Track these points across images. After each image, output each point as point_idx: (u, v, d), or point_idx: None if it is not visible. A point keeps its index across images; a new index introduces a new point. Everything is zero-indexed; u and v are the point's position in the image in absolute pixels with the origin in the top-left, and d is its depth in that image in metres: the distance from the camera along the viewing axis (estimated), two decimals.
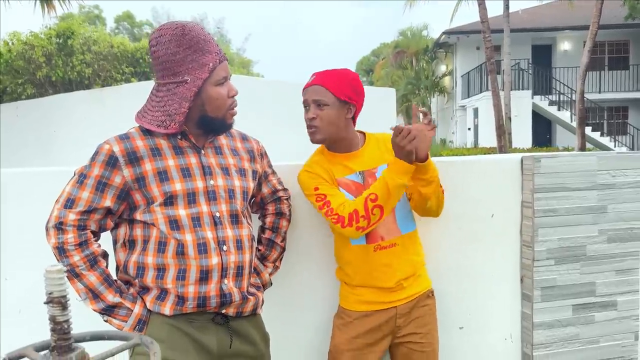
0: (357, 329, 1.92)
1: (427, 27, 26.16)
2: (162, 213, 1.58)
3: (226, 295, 1.62)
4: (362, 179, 1.90)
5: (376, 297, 1.92)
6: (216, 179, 1.66)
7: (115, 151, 1.57)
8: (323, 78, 1.87)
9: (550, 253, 2.25)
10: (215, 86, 1.61)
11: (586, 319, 2.31)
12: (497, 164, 2.35)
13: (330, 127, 1.86)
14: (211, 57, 1.60)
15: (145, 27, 34.95)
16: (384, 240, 1.89)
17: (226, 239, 1.63)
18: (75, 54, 11.10)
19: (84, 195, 1.56)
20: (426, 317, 1.97)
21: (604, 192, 2.29)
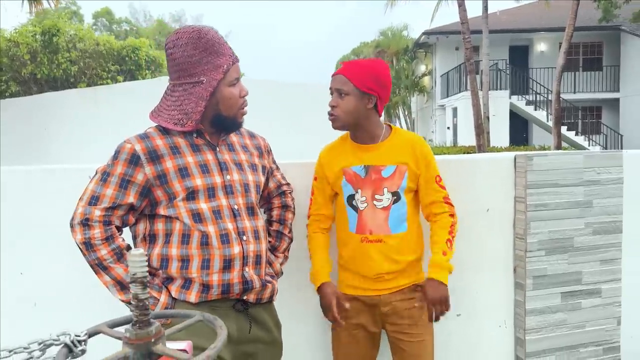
0: (347, 310, 2.04)
1: (407, 27, 26.49)
2: (185, 207, 1.66)
3: (248, 282, 1.72)
4: (366, 173, 1.98)
5: (360, 283, 2.02)
6: (232, 174, 1.75)
7: (137, 150, 1.65)
8: (347, 68, 1.95)
9: (541, 244, 2.42)
10: (228, 86, 1.71)
11: (573, 306, 2.48)
12: (491, 162, 2.51)
13: (349, 116, 1.94)
14: (225, 59, 1.69)
15: (124, 24, 34.50)
16: (372, 234, 1.97)
17: (245, 230, 1.73)
18: (60, 52, 11.00)
19: (108, 192, 1.63)
20: (413, 309, 2.01)
21: (590, 188, 2.46)
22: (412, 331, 2.00)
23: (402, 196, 1.97)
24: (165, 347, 0.99)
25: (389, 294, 2.00)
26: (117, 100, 7.99)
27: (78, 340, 1.03)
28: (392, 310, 2.00)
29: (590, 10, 19.14)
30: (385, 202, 1.96)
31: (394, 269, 1.98)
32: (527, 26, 21.75)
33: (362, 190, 1.98)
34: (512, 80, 21.07)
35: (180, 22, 49.62)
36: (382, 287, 2.00)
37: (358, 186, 1.98)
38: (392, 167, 1.96)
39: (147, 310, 0.98)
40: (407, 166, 1.97)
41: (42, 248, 2.23)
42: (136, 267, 0.97)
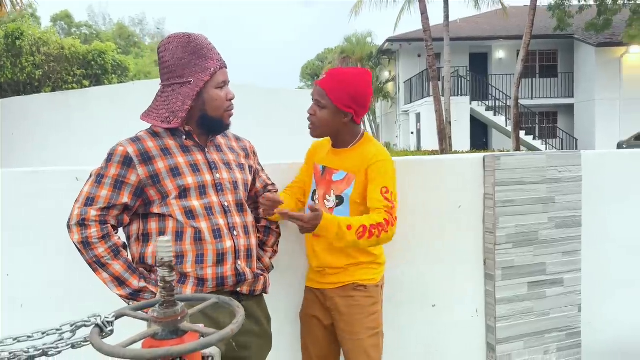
0: (307, 300, 2.21)
1: (371, 34, 26.91)
2: (178, 205, 1.74)
3: (241, 275, 1.81)
4: (322, 173, 2.10)
5: (312, 275, 2.16)
6: (221, 173, 1.85)
7: (130, 152, 1.73)
8: (328, 81, 2.00)
9: (509, 238, 2.60)
10: (215, 89, 1.80)
11: (539, 295, 2.68)
12: (462, 162, 2.69)
13: (325, 128, 2.03)
14: (212, 63, 1.79)
15: (84, 28, 33.79)
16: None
17: (235, 225, 1.82)
18: (24, 55, 10.76)
19: (103, 193, 1.70)
20: (351, 307, 2.04)
21: (552, 185, 2.67)
22: (348, 328, 2.05)
23: (345, 201, 2.03)
24: (191, 324, 1.10)
25: (331, 289, 2.09)
26: (89, 105, 7.91)
27: (107, 322, 1.12)
28: (333, 305, 2.08)
29: (545, 19, 19.94)
30: (331, 203, 2.06)
31: (340, 265, 2.05)
32: (487, 34, 22.44)
33: (318, 188, 2.11)
34: (472, 86, 21.68)
35: (141, 25, 48.82)
36: (326, 282, 2.10)
37: (318, 184, 2.11)
38: (342, 173, 2.05)
39: (173, 292, 1.09)
40: (356, 177, 2.01)
41: (28, 249, 2.27)
42: (163, 252, 1.07)
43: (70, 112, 8.01)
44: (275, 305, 2.15)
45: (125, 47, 36.47)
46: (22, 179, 2.30)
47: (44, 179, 2.30)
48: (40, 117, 8.21)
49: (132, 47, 39.90)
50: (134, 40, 43.53)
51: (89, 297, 2.17)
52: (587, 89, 21.01)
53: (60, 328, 1.11)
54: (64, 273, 2.26)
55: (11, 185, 2.28)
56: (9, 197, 2.27)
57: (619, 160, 3.00)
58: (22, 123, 8.14)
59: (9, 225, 2.26)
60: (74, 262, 2.16)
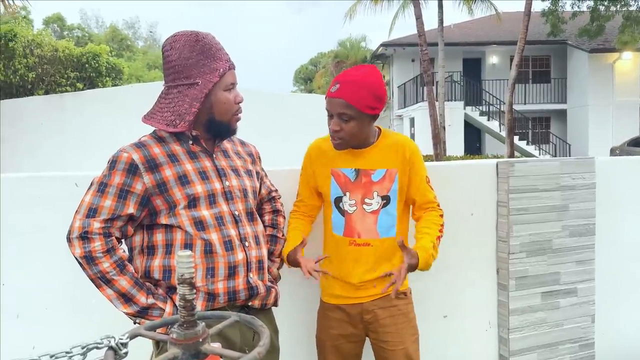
0: (330, 319, 2.04)
1: (365, 38, 26.93)
2: (187, 215, 1.63)
3: (253, 288, 1.71)
4: (356, 176, 1.96)
5: (343, 292, 2.00)
6: (230, 180, 1.74)
7: (135, 159, 1.61)
8: (346, 91, 1.84)
9: (523, 247, 2.54)
10: (223, 91, 1.69)
11: (552, 305, 2.61)
12: (475, 169, 2.62)
13: (354, 138, 1.91)
14: (221, 64, 1.68)
15: (76, 30, 33.59)
16: (360, 238, 1.95)
17: (246, 235, 1.72)
18: (17, 57, 10.59)
19: (107, 203, 1.58)
20: (395, 317, 1.98)
21: (566, 192, 2.61)
22: (394, 339, 1.98)
23: (392, 200, 1.96)
24: (214, 347, 1.01)
25: (371, 301, 1.98)
26: (85, 107, 7.78)
27: (122, 343, 1.03)
28: (374, 318, 1.98)
29: (538, 25, 20.03)
30: (374, 205, 1.95)
31: (374, 277, 1.95)
32: (480, 39, 22.50)
33: (351, 193, 1.97)
34: (466, 91, 21.72)
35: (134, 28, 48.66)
36: (365, 295, 1.98)
37: (347, 189, 1.97)
38: (382, 171, 1.95)
39: (193, 311, 1.00)
40: (397, 169, 1.95)
41: (24, 258, 2.17)
42: (184, 268, 0.98)
43: (66, 115, 7.87)
44: (285, 321, 2.07)
45: (118, 50, 36.27)
46: (20, 185, 2.20)
47: (41, 184, 2.21)
48: (34, 120, 8.07)
49: (125, 51, 39.69)
50: (127, 43, 43.32)
51: (89, 308, 2.11)
52: (580, 95, 21.11)
53: (70, 350, 1.02)
54: (62, 282, 2.17)
55: (8, 191, 2.18)
56: (5, 202, 2.17)
57: (633, 167, 2.94)
58: (15, 126, 8.00)
59: (5, 233, 2.16)
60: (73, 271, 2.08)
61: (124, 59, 31.11)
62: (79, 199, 1.90)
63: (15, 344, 2.20)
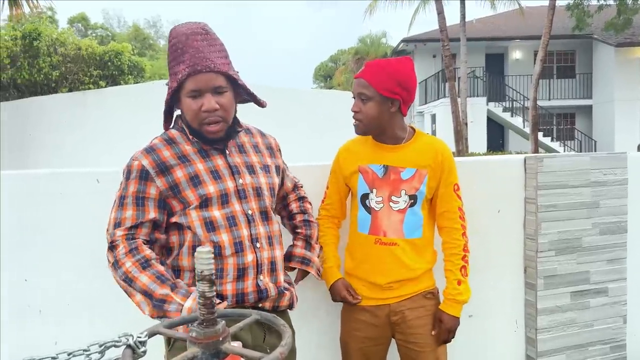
0: (355, 321, 1.99)
1: (385, 34, 26.75)
2: (198, 215, 1.60)
3: (262, 291, 1.65)
4: (384, 173, 1.92)
5: (369, 293, 1.96)
6: (244, 178, 1.68)
7: (145, 165, 1.59)
8: (369, 70, 1.86)
9: (552, 245, 2.46)
10: (187, 98, 1.60)
11: (582, 305, 2.53)
12: (502, 164, 2.55)
13: (372, 122, 1.87)
14: (181, 68, 1.57)
15: (100, 30, 34.07)
16: (386, 237, 1.91)
17: (259, 236, 1.66)
18: (41, 56, 10.78)
19: (128, 214, 1.58)
20: (422, 317, 1.94)
21: (596, 189, 2.52)
22: (423, 340, 1.93)
23: (419, 200, 1.91)
24: (234, 346, 0.98)
25: (398, 302, 1.94)
26: (107, 104, 7.85)
27: (140, 342, 1.01)
28: (402, 319, 1.94)
29: (563, 19, 19.63)
30: (401, 204, 1.90)
31: (406, 276, 1.93)
32: (503, 34, 22.15)
33: (377, 190, 1.93)
34: (488, 87, 21.42)
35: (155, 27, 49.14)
36: (392, 295, 1.94)
37: (374, 185, 1.93)
38: (412, 170, 1.90)
39: (213, 309, 0.97)
40: (428, 170, 1.90)
41: (48, 254, 2.18)
42: (203, 265, 0.95)
43: (88, 112, 7.96)
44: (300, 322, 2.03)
45: (141, 49, 36.70)
46: (41, 181, 2.21)
47: (63, 180, 2.21)
48: (56, 117, 8.18)
49: (147, 49, 40.11)
50: (149, 42, 43.78)
51: (110, 304, 2.10)
52: (606, 90, 20.65)
53: (88, 348, 1.00)
54: (84, 278, 2.18)
55: (31, 187, 2.19)
56: (28, 199, 2.18)
57: None
58: (39, 124, 8.11)
59: (27, 228, 2.17)
60: (95, 267, 2.09)
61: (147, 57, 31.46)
62: (100, 195, 1.89)
63: (38, 339, 2.21)
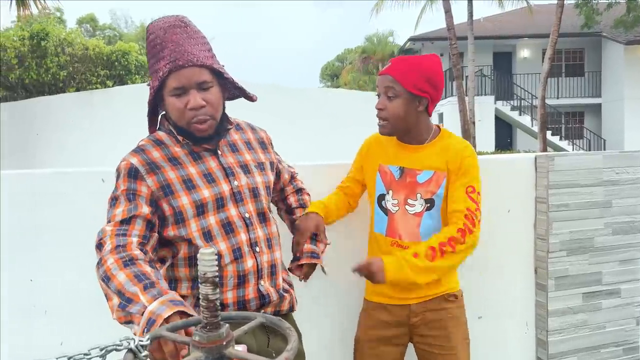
0: (373, 319, 1.93)
1: (392, 33, 26.67)
2: (197, 224, 1.50)
3: (265, 297, 1.59)
4: (400, 175, 1.85)
5: (389, 291, 1.89)
6: (239, 179, 1.59)
7: (134, 163, 1.48)
8: (395, 66, 1.78)
9: (563, 245, 2.41)
10: (170, 96, 1.49)
11: (594, 306, 2.48)
12: (512, 163, 2.50)
13: (399, 121, 1.79)
14: (162, 65, 1.46)
15: (108, 30, 34.24)
16: (402, 240, 1.85)
17: (257, 240, 1.59)
18: (49, 56, 10.80)
19: (118, 210, 1.44)
20: (444, 320, 1.86)
21: (609, 188, 2.47)
22: (444, 344, 1.85)
23: (436, 204, 1.82)
24: (239, 351, 0.94)
25: (419, 303, 1.87)
26: (114, 104, 7.86)
27: (142, 345, 0.98)
28: (422, 320, 1.87)
29: (572, 17, 19.48)
30: (417, 208, 1.83)
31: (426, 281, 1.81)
32: (511, 33, 22.02)
33: (394, 192, 1.86)
34: (496, 85, 21.30)
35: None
36: (413, 296, 1.87)
37: (390, 187, 1.87)
38: (429, 173, 1.81)
39: (217, 312, 0.94)
40: (447, 173, 1.81)
41: (53, 254, 2.16)
42: (206, 267, 0.92)
43: (93, 112, 7.97)
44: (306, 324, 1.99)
45: None
46: (46, 181, 2.18)
47: (68, 180, 2.19)
48: (63, 117, 8.19)
49: None
50: None
51: None
52: (616, 88, 20.48)
53: (89, 352, 0.97)
54: (90, 278, 2.11)
55: (35, 187, 2.17)
56: (33, 199, 2.16)
57: None
58: (46, 123, 8.12)
59: (32, 229, 2.15)
60: None
61: None
62: (105, 194, 1.86)
63: (43, 340, 2.19)
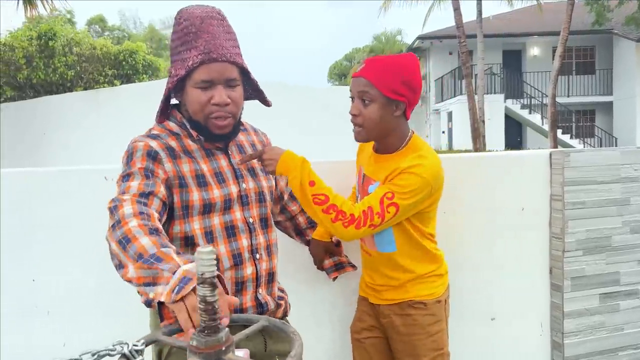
0: (359, 310, 1.94)
1: (400, 32, 26.57)
2: (200, 223, 1.44)
3: (263, 305, 1.54)
4: (362, 181, 1.79)
5: (366, 287, 1.91)
6: (247, 182, 1.54)
7: (153, 146, 1.40)
8: (370, 68, 1.65)
9: (579, 244, 2.33)
10: (194, 88, 1.42)
11: (612, 307, 2.40)
12: (526, 159, 2.42)
13: (374, 127, 1.67)
14: (193, 54, 1.39)
15: (117, 31, 34.43)
16: (365, 246, 1.83)
17: (258, 246, 1.53)
18: (57, 56, 10.83)
19: (135, 183, 1.31)
20: (409, 326, 1.78)
21: (627, 185, 2.39)
22: (410, 351, 1.78)
23: None
24: (239, 356, 0.88)
25: (386, 305, 1.82)
26: (121, 103, 7.85)
27: (136, 350, 0.92)
28: (389, 323, 1.82)
29: (582, 14, 19.28)
30: None
31: (388, 283, 1.80)
32: (520, 31, 21.84)
33: (360, 197, 1.81)
34: (506, 84, 21.14)
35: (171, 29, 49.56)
36: (381, 297, 1.84)
37: (359, 192, 1.83)
38: (377, 184, 1.70)
39: (216, 315, 0.88)
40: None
41: (56, 253, 2.11)
42: (204, 267, 0.86)
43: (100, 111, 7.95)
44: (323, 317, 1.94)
45: (157, 49, 36.99)
46: (49, 179, 2.14)
47: (70, 178, 2.14)
48: (70, 116, 8.19)
49: (164, 50, 40.34)
50: (165, 42, 44.05)
51: (120, 304, 2.04)
52: (627, 86, 20.24)
53: (80, 358, 0.91)
54: (93, 278, 2.11)
55: (38, 185, 2.12)
56: (35, 197, 2.11)
57: None
58: (53, 123, 8.12)
59: (34, 227, 2.11)
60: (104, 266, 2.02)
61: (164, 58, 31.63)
62: (108, 192, 1.80)
63: (46, 340, 2.15)
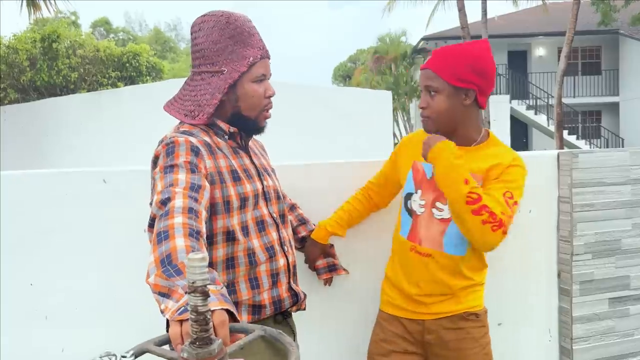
0: (385, 331, 1.80)
1: (405, 33, 26.48)
2: (238, 217, 1.47)
3: (297, 294, 1.59)
4: (432, 174, 1.66)
5: (403, 303, 1.77)
6: (267, 180, 1.60)
7: (194, 142, 1.41)
8: (435, 59, 1.63)
9: (588, 247, 2.28)
10: (252, 82, 1.51)
11: (622, 312, 2.35)
12: (533, 160, 2.36)
13: (443, 118, 1.63)
14: (253, 52, 1.50)
15: (121, 33, 34.61)
16: (421, 246, 1.71)
17: (285, 240, 1.59)
18: (60, 58, 10.87)
19: (182, 176, 1.28)
20: (462, 341, 1.71)
21: (637, 186, 2.33)
22: None
23: None
24: None
25: (434, 320, 1.72)
26: (123, 105, 7.85)
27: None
28: (437, 339, 1.71)
29: (588, 14, 19.18)
30: (445, 213, 1.66)
31: (438, 291, 1.70)
32: (526, 31, 21.75)
33: (422, 191, 1.71)
34: (511, 85, 21.05)
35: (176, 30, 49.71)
36: (427, 311, 1.72)
37: (420, 186, 1.71)
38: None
39: (207, 326, 0.83)
40: (484, 177, 1.62)
41: (53, 257, 2.08)
42: (195, 274, 0.81)
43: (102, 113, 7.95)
44: None
45: (162, 51, 37.14)
46: (48, 181, 2.11)
47: (70, 180, 2.11)
48: (72, 118, 8.20)
49: (168, 52, 40.53)
50: (170, 45, 44.25)
51: (119, 309, 2.03)
52: (634, 87, 20.11)
53: None
54: (92, 282, 2.07)
55: (36, 188, 2.09)
56: (34, 200, 2.08)
57: None
58: (55, 125, 8.13)
59: (32, 231, 2.07)
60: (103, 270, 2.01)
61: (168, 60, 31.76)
62: (108, 195, 1.75)
63: (44, 345, 2.12)
